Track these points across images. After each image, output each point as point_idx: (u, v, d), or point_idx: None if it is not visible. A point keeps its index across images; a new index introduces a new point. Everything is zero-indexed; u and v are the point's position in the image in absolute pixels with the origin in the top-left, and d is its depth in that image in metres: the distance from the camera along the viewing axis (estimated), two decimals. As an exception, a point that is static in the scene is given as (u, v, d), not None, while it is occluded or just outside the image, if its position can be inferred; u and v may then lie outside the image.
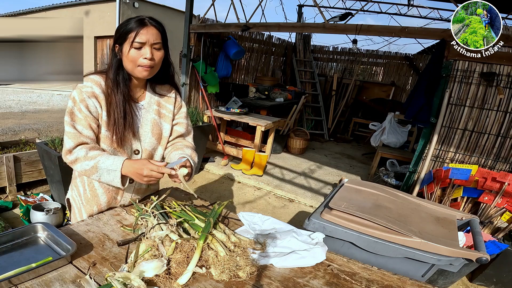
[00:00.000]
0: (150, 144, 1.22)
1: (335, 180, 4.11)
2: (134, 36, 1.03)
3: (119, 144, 1.13)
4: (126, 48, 1.05)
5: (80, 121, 1.08)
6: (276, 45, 6.37)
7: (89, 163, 1.05)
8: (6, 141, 3.28)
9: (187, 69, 4.30)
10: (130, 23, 1.04)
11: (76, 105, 1.08)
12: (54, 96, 8.87)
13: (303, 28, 4.54)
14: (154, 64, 1.08)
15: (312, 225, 1.42)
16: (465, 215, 1.59)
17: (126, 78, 1.13)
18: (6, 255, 0.93)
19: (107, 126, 1.12)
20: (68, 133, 1.07)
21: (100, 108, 1.11)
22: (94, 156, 1.05)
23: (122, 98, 1.11)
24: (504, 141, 2.71)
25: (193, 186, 3.65)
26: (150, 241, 0.95)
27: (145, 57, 1.05)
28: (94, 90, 1.09)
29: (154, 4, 11.73)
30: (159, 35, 1.06)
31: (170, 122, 1.28)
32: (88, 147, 1.07)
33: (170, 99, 1.28)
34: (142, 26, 1.03)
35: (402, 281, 0.97)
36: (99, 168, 1.04)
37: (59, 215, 2.50)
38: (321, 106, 6.32)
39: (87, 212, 1.25)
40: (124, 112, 1.12)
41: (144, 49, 1.05)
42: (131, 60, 1.06)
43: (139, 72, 1.08)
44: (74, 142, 1.06)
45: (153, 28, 1.05)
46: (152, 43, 1.05)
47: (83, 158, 1.05)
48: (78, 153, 1.06)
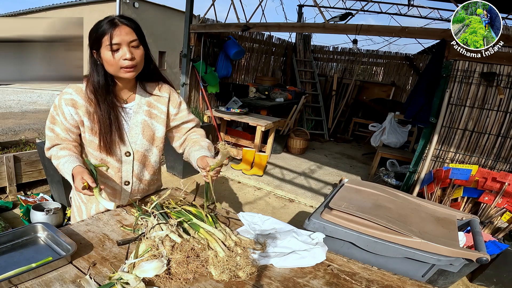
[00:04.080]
0: (142, 146, 1.21)
1: (335, 180, 4.11)
2: (109, 39, 0.99)
3: (106, 150, 1.14)
4: (104, 53, 1.02)
5: (59, 125, 1.13)
6: (276, 45, 6.37)
7: (55, 162, 1.12)
8: (6, 141, 3.28)
9: (187, 69, 4.30)
10: (101, 26, 1.01)
11: (55, 110, 1.12)
12: (54, 96, 8.85)
13: (303, 28, 4.54)
14: (136, 63, 1.05)
15: (312, 225, 1.42)
16: (465, 215, 1.59)
17: (110, 84, 1.11)
18: (6, 255, 0.93)
19: (91, 131, 1.12)
20: (47, 136, 1.15)
21: (76, 115, 1.10)
22: (60, 157, 1.11)
23: (106, 106, 1.10)
24: (504, 141, 2.70)
25: (193, 186, 3.64)
26: (150, 241, 0.95)
27: (125, 58, 1.02)
28: (73, 97, 1.09)
29: (154, 4, 11.74)
30: (133, 32, 1.03)
31: (163, 122, 1.24)
32: (60, 147, 1.13)
33: (161, 99, 1.23)
34: (114, 27, 0.99)
35: (402, 281, 0.97)
36: (60, 169, 1.10)
37: (59, 215, 2.50)
38: (321, 106, 6.32)
39: (86, 211, 1.26)
40: (110, 120, 1.11)
41: (122, 50, 1.01)
42: (112, 64, 1.03)
43: (123, 74, 1.05)
44: (50, 143, 1.15)
45: (126, 27, 1.01)
46: (128, 41, 1.01)
47: (54, 156, 1.13)
48: (52, 151, 1.15)
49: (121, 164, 1.20)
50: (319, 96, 6.41)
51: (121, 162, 1.20)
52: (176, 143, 1.35)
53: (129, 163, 1.21)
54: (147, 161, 1.27)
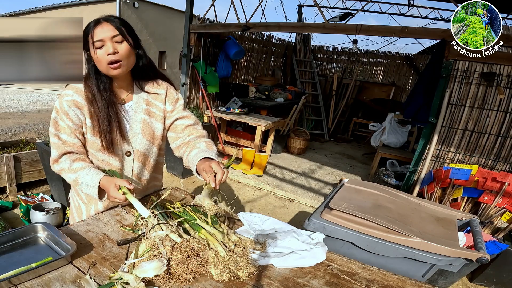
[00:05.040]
0: (142, 145, 1.21)
1: (335, 180, 4.11)
2: (92, 37, 1.02)
3: (108, 149, 1.13)
4: (92, 51, 1.04)
5: (64, 130, 1.10)
6: (276, 45, 6.37)
7: (72, 176, 1.08)
8: (6, 141, 3.28)
9: (187, 69, 4.30)
10: (88, 26, 1.04)
11: (58, 115, 1.09)
12: (54, 96, 8.87)
13: (303, 28, 4.54)
14: (121, 57, 1.05)
15: (312, 225, 1.42)
16: (465, 215, 1.59)
17: (106, 82, 1.11)
18: (6, 255, 0.93)
19: (93, 132, 1.12)
20: (53, 144, 1.10)
21: (82, 116, 1.10)
22: (77, 170, 1.07)
23: (104, 102, 1.10)
24: (504, 141, 2.71)
25: (193, 186, 3.65)
26: (150, 241, 0.95)
27: (108, 53, 1.03)
28: (75, 98, 1.09)
29: (154, 4, 11.74)
30: (115, 28, 1.04)
31: (161, 121, 1.24)
32: (72, 159, 1.09)
33: (159, 96, 1.23)
34: (96, 25, 1.03)
35: (402, 281, 0.97)
36: (80, 182, 1.07)
37: (59, 215, 2.50)
38: (321, 106, 6.32)
39: (85, 211, 1.26)
40: (109, 118, 1.11)
41: (106, 46, 1.03)
42: (98, 61, 1.05)
43: (110, 70, 1.06)
44: (58, 152, 1.10)
45: (108, 24, 1.03)
46: (110, 37, 1.02)
47: (67, 170, 1.09)
48: (63, 164, 1.09)
49: (123, 164, 1.20)
50: (319, 96, 6.41)
51: (123, 162, 1.20)
52: (173, 144, 1.29)
53: (130, 163, 1.21)
54: (147, 160, 1.26)
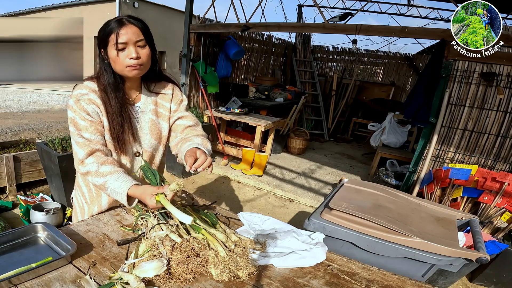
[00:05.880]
0: (150, 145, 1.22)
1: (335, 180, 4.11)
2: (116, 38, 1.00)
3: (120, 149, 1.14)
4: (111, 51, 1.03)
5: (86, 128, 1.07)
6: (276, 45, 6.37)
7: (99, 180, 1.05)
8: (6, 141, 3.28)
9: (187, 69, 4.30)
10: (109, 25, 1.02)
11: (77, 114, 1.07)
12: (54, 96, 8.87)
13: (303, 28, 4.54)
14: (142, 62, 1.05)
15: (312, 225, 1.42)
16: (465, 215, 1.59)
17: (119, 82, 1.11)
18: (6, 255, 0.93)
19: (109, 131, 1.12)
20: (78, 143, 1.06)
21: (100, 114, 1.10)
22: (105, 174, 1.04)
23: (117, 103, 1.10)
24: (504, 141, 2.71)
25: (192, 186, 3.65)
26: (150, 241, 0.95)
27: (131, 57, 1.02)
28: (90, 97, 1.09)
29: (154, 4, 11.74)
30: (141, 32, 1.04)
31: (167, 120, 1.25)
32: (100, 161, 1.06)
33: (165, 96, 1.24)
34: (121, 26, 1.01)
35: (402, 281, 0.97)
36: (108, 187, 1.04)
37: (59, 215, 2.50)
38: (321, 106, 6.32)
39: (88, 212, 1.26)
40: (122, 117, 1.11)
41: (128, 49, 1.02)
42: (118, 62, 1.04)
43: (128, 72, 1.06)
44: (85, 151, 1.06)
45: (133, 26, 1.02)
46: (134, 41, 1.02)
47: (94, 173, 1.05)
48: (89, 167, 1.05)
49: (132, 164, 1.21)
50: (319, 96, 6.41)
51: (132, 162, 1.21)
52: (172, 142, 1.30)
53: (138, 163, 1.22)
54: (153, 160, 1.28)
